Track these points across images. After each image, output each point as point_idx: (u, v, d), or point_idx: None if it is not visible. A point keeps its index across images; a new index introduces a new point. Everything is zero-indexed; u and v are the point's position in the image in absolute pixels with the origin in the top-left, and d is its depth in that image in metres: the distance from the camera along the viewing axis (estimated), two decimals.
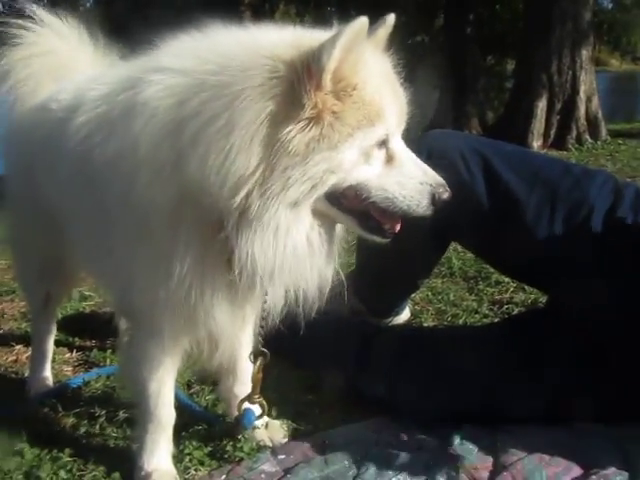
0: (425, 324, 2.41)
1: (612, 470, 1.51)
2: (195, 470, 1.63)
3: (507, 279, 2.65)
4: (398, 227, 1.36)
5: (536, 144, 7.34)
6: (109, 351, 2.29)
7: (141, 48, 1.40)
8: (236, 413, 1.72)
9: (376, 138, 1.23)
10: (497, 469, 1.55)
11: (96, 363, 2.25)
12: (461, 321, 2.41)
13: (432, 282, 2.76)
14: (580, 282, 1.73)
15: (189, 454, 1.67)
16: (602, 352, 1.66)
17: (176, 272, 1.26)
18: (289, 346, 2.01)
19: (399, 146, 1.30)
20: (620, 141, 7.32)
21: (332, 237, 1.37)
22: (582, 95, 7.55)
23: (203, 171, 1.15)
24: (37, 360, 2.09)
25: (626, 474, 1.50)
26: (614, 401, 1.66)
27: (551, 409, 1.69)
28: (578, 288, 1.74)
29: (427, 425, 1.71)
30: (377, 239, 1.37)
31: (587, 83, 7.60)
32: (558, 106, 7.51)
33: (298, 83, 1.14)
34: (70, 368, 2.25)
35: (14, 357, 2.32)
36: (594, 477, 1.50)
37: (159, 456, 1.58)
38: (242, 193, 1.15)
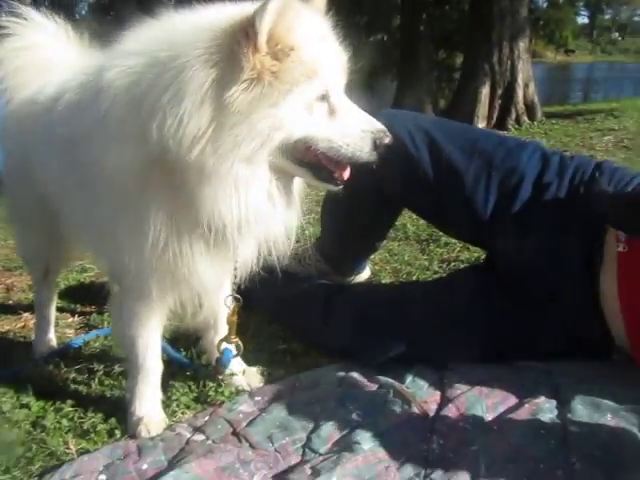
0: (383, 281, 2.41)
1: (542, 399, 1.52)
2: (182, 413, 1.62)
3: (454, 240, 2.65)
4: (347, 174, 1.34)
5: (481, 125, 7.35)
6: (106, 314, 2.26)
7: None
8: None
9: (316, 93, 1.21)
10: (444, 402, 1.55)
11: (95, 326, 2.21)
12: (414, 277, 2.41)
13: (389, 245, 2.75)
14: (512, 240, 1.74)
15: (176, 400, 1.66)
16: (532, 300, 1.67)
17: (150, 231, 1.26)
18: (264, 303, 2.00)
19: (340, 99, 1.28)
20: (554, 121, 7.35)
21: (291, 189, 1.36)
22: (520, 82, 7.57)
23: (162, 137, 1.16)
24: (41, 325, 2.05)
25: (554, 402, 1.52)
26: (543, 341, 1.67)
27: (487, 354, 1.70)
28: (511, 245, 1.75)
29: (383, 367, 1.71)
30: (330, 187, 1.36)
31: (524, 71, 7.61)
32: (499, 92, 7.52)
33: (238, 47, 1.13)
34: (72, 331, 2.21)
35: (22, 324, 2.27)
36: (527, 405, 1.51)
37: (148, 403, 1.57)
38: (196, 151, 1.15)
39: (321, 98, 1.23)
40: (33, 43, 1.82)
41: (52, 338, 2.06)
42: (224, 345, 1.67)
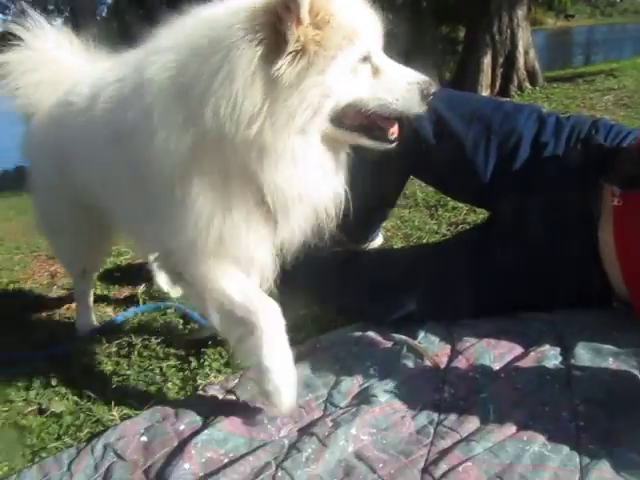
0: (395, 246, 2.39)
1: (547, 347, 1.52)
2: (214, 377, 1.64)
3: (461, 204, 2.62)
4: (397, 130, 1.29)
5: (485, 94, 7.18)
6: (142, 294, 2.29)
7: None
8: None
9: (358, 55, 1.17)
10: (454, 354, 1.56)
11: (132, 304, 2.25)
12: (424, 241, 2.39)
13: (400, 212, 2.72)
14: (513, 198, 1.71)
15: (208, 365, 1.68)
16: (533, 253, 1.64)
17: (203, 211, 1.22)
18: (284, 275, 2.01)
19: (381, 59, 1.23)
20: (555, 85, 7.11)
21: (339, 158, 1.33)
22: (520, 49, 7.33)
23: (218, 121, 1.12)
24: (81, 310, 2.10)
25: (558, 349, 1.51)
26: (546, 292, 1.65)
27: (490, 305, 1.68)
28: (512, 203, 1.72)
29: (397, 326, 1.71)
30: (385, 146, 1.30)
31: (524, 39, 7.36)
32: (500, 60, 7.30)
33: (280, 23, 1.09)
34: (111, 310, 2.25)
35: (67, 306, 2.32)
36: (532, 354, 1.50)
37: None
38: (255, 128, 1.12)
39: (363, 60, 1.19)
40: (50, 57, 1.81)
41: (93, 319, 2.10)
42: None
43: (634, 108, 4.89)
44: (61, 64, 1.83)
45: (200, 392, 1.56)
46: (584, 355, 1.46)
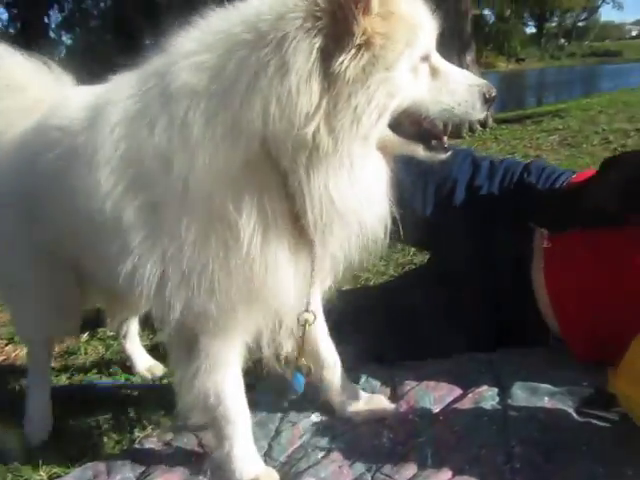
0: (343, 288, 2.40)
1: (484, 387, 1.53)
2: (152, 429, 1.62)
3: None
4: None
5: None
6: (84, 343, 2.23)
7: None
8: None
9: (421, 52, 1.06)
10: (395, 398, 1.56)
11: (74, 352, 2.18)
12: (371, 283, 2.42)
13: None
14: (451, 240, 1.76)
15: (147, 417, 1.65)
16: (471, 295, 1.68)
17: (244, 246, 1.04)
18: None
19: (439, 59, 1.13)
20: (504, 126, 7.43)
21: (389, 174, 1.17)
22: None
23: (267, 122, 0.99)
24: (36, 404, 1.68)
25: (496, 389, 1.52)
26: (485, 332, 1.68)
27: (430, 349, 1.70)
28: (450, 245, 1.76)
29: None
30: (440, 156, 1.19)
31: None
32: None
33: (342, 13, 0.97)
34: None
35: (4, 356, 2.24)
36: (470, 395, 1.51)
37: (254, 462, 1.30)
38: (312, 128, 0.97)
39: (423, 59, 1.08)
40: (18, 82, 1.58)
41: (50, 419, 1.68)
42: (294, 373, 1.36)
43: (577, 147, 5.13)
44: (33, 89, 1.60)
45: (137, 445, 1.52)
46: (520, 395, 1.47)
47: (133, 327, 1.96)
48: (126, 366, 1.99)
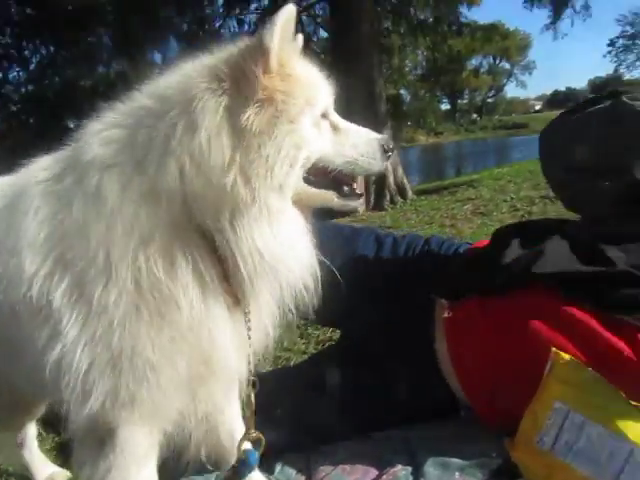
0: (263, 370, 2.35)
1: (399, 467, 1.51)
2: None
3: None
4: (361, 187, 1.29)
5: (360, 209, 7.66)
6: None
7: None
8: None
9: (320, 109, 1.16)
10: None
11: None
12: (292, 362, 2.39)
13: None
14: (357, 316, 1.78)
15: None
16: (380, 369, 1.69)
17: (185, 314, 1.05)
18: None
19: (338, 117, 1.23)
20: (423, 197, 7.81)
21: (308, 225, 1.23)
22: (390, 167, 8.01)
23: (185, 181, 1.03)
24: None
25: (410, 468, 1.51)
26: (395, 406, 1.68)
27: (347, 425, 1.67)
28: (357, 321, 1.78)
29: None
30: (355, 204, 1.27)
31: (392, 157, 8.06)
32: (372, 178, 7.91)
33: (244, 73, 1.06)
34: None
35: None
36: (385, 476, 1.49)
37: None
38: (229, 182, 1.02)
39: (323, 116, 1.18)
40: None
41: None
42: (246, 444, 1.30)
43: (488, 216, 5.43)
44: None
45: None
46: (432, 472, 1.47)
47: (31, 432, 1.81)
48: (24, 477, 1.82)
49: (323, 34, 14.84)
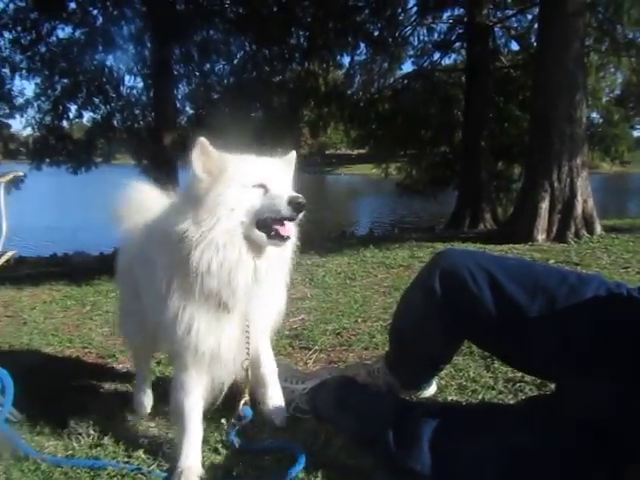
0: (449, 398, 2.34)
1: None
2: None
3: None
4: (286, 231, 1.75)
5: (540, 237, 7.23)
6: None
7: None
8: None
9: (250, 184, 1.75)
10: None
11: None
12: (480, 396, 2.33)
13: (455, 359, 2.67)
14: (583, 379, 1.66)
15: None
16: (603, 440, 1.57)
17: (178, 314, 1.78)
18: (327, 407, 2.00)
19: (275, 186, 1.76)
20: (613, 235, 7.12)
21: (259, 258, 1.78)
22: (579, 198, 7.44)
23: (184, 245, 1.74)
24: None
25: None
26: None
27: None
28: (583, 384, 1.66)
29: None
30: (279, 244, 1.77)
31: (583, 187, 7.50)
32: (558, 207, 7.39)
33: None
34: None
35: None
36: None
37: (189, 458, 1.87)
38: (187, 235, 1.71)
39: (258, 186, 1.75)
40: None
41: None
42: (242, 405, 2.02)
43: None
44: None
45: None
46: None
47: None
48: None
49: (514, 46, 14.35)
